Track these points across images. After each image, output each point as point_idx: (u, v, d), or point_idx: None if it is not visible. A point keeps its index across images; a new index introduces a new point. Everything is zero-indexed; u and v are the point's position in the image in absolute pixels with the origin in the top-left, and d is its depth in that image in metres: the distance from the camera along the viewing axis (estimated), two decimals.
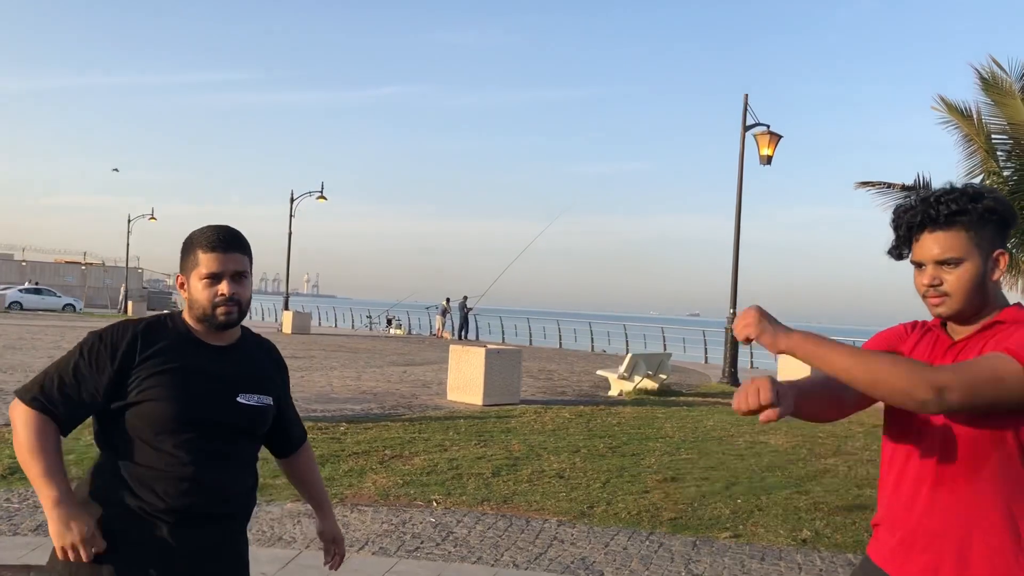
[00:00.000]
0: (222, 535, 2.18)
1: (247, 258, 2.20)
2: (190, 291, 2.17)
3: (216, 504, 2.14)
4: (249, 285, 2.20)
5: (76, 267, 68.02)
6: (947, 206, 1.82)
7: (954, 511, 1.77)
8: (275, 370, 2.39)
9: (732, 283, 18.74)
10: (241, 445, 2.23)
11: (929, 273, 1.86)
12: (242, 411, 2.19)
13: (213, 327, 2.16)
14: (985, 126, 14.63)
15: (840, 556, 5.51)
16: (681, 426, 11.15)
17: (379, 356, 22.23)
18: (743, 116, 18.64)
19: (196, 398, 2.10)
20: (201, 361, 2.15)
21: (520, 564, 5.06)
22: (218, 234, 2.15)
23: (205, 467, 2.10)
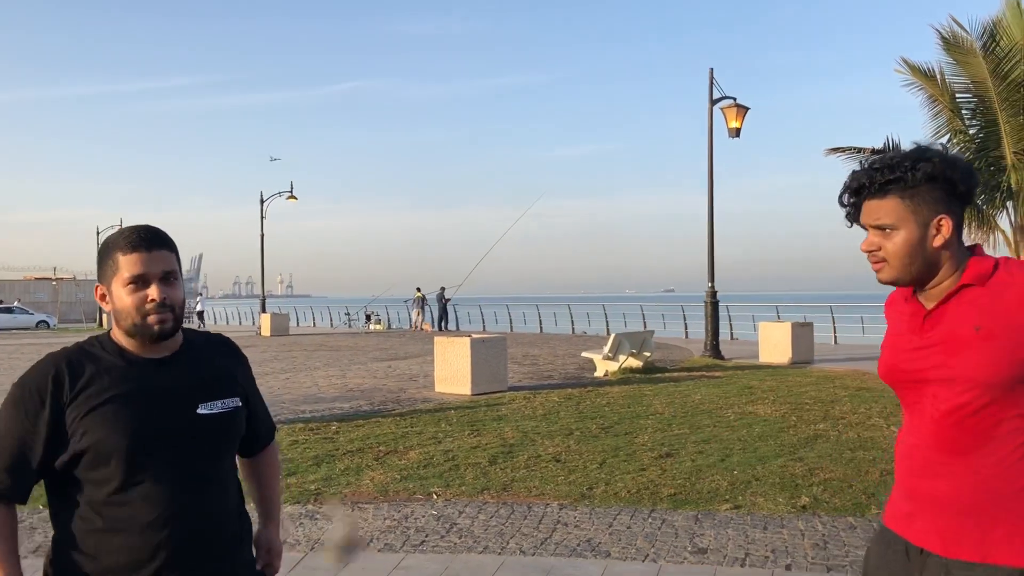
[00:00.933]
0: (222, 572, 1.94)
1: (174, 256, 1.94)
2: (113, 301, 1.89)
3: (197, 538, 1.87)
4: (180, 287, 1.93)
5: (47, 283, 67.15)
6: (881, 173, 1.82)
7: (973, 477, 1.79)
8: (235, 366, 2.10)
9: (709, 257, 18.83)
10: (217, 462, 1.96)
11: (868, 239, 1.87)
12: (207, 423, 1.92)
13: (148, 338, 1.88)
14: (949, 86, 14.77)
15: (841, 520, 5.58)
16: (670, 402, 11.22)
17: (362, 353, 22.16)
18: (709, 90, 18.70)
19: (145, 422, 1.84)
20: (143, 379, 1.89)
21: (527, 550, 5.08)
22: (138, 233, 1.89)
23: (174, 498, 1.84)
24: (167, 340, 1.93)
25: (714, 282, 18.79)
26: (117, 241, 1.90)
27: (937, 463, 1.82)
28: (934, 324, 1.85)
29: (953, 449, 1.80)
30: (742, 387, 12.74)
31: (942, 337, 1.82)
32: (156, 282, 1.87)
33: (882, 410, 10.08)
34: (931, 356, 1.83)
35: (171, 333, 1.90)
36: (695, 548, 5.06)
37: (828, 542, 5.12)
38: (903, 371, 1.90)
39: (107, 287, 1.92)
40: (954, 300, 1.83)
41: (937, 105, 14.91)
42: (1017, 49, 13.43)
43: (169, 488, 1.84)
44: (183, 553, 1.84)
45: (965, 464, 1.79)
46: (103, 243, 1.94)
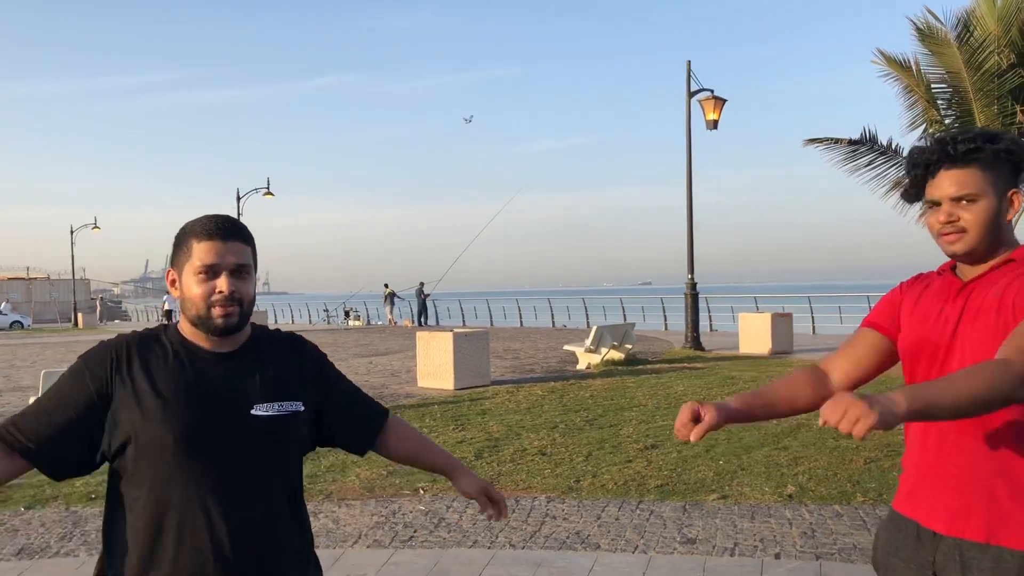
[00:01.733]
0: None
1: (250, 249, 1.87)
2: (182, 289, 1.83)
3: (244, 550, 1.79)
4: (253, 282, 1.87)
5: (21, 283, 66.36)
6: (964, 144, 1.84)
7: (978, 454, 1.79)
8: (305, 366, 2.00)
9: (688, 248, 18.89)
10: (270, 468, 1.86)
11: (945, 211, 1.87)
12: (260, 425, 1.83)
13: (211, 331, 1.82)
14: (924, 76, 14.87)
15: (827, 508, 5.61)
16: (653, 393, 11.25)
17: (342, 349, 22.06)
18: (687, 82, 18.74)
19: (198, 418, 1.77)
20: (201, 373, 1.82)
21: (516, 544, 5.08)
22: (216, 222, 1.83)
23: (223, 506, 1.77)
24: (231, 335, 1.86)
25: (694, 274, 18.86)
26: (194, 227, 1.84)
27: (951, 442, 1.83)
28: (967, 294, 1.87)
29: (967, 425, 1.80)
30: (724, 378, 12.80)
31: (970, 308, 1.85)
32: (227, 273, 1.81)
33: None
34: (960, 326, 1.85)
35: (236, 329, 1.84)
36: (684, 538, 5.07)
37: (816, 530, 5.15)
38: (932, 343, 1.90)
39: (178, 273, 1.86)
40: (991, 275, 1.86)
41: (913, 96, 15.01)
42: (991, 39, 13.55)
43: (213, 493, 1.77)
44: (226, 561, 1.77)
45: (978, 441, 1.79)
46: (181, 229, 1.88)
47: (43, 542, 5.35)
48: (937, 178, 1.88)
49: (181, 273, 1.85)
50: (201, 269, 1.80)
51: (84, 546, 5.25)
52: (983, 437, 1.79)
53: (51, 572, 4.78)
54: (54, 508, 6.12)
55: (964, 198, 1.85)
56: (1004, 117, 13.76)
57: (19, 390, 14.26)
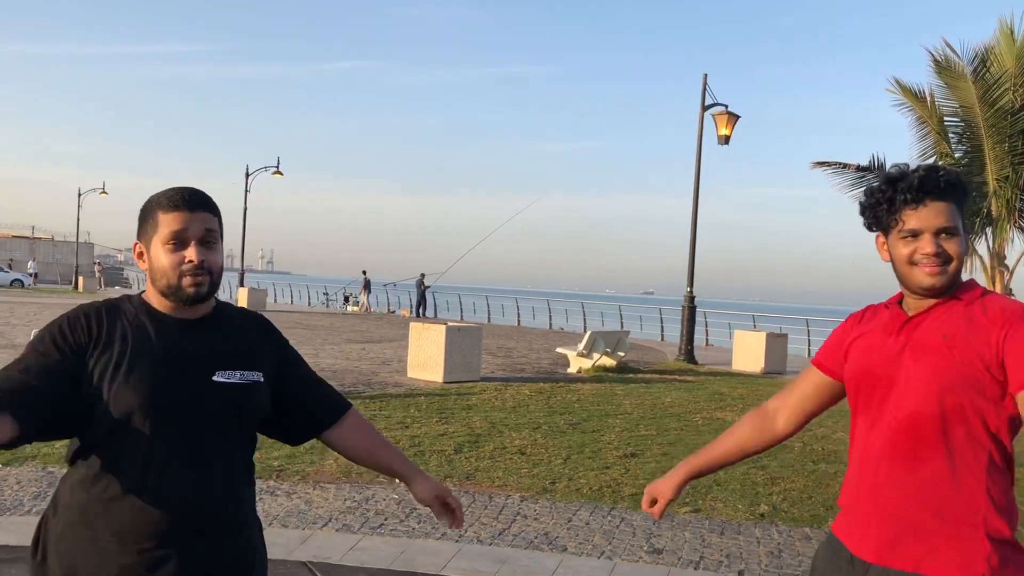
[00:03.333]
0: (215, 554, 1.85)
1: (217, 219, 1.89)
2: (150, 260, 1.85)
3: (200, 512, 1.82)
4: (220, 251, 1.89)
5: (24, 241, 66.47)
6: (946, 177, 1.85)
7: (911, 487, 1.81)
8: (266, 341, 2.04)
9: (689, 262, 18.89)
10: (228, 435, 1.89)
11: (931, 242, 1.85)
12: (222, 391, 1.85)
13: (181, 301, 1.84)
14: (938, 109, 14.88)
15: (797, 530, 5.63)
16: (640, 403, 11.26)
17: (337, 333, 22.09)
18: (702, 96, 18.74)
19: (160, 382, 1.79)
20: (165, 339, 1.84)
21: (484, 540, 5.10)
22: (182, 193, 1.85)
23: (181, 468, 1.80)
24: (201, 303, 1.88)
25: (693, 287, 18.87)
26: (159, 199, 1.85)
27: (885, 471, 1.85)
28: (912, 329, 1.89)
29: (904, 457, 1.82)
30: (712, 393, 12.81)
31: (914, 342, 1.86)
32: (195, 243, 1.82)
33: (848, 424, 10.15)
34: (902, 359, 1.87)
35: (205, 297, 1.86)
36: (651, 548, 5.09)
37: (783, 551, 5.17)
38: (875, 375, 1.92)
39: (145, 245, 1.87)
40: (936, 310, 1.88)
41: (925, 127, 15.02)
42: (1007, 76, 13.55)
43: (174, 458, 1.79)
44: (176, 526, 1.79)
45: (913, 474, 1.81)
46: (146, 201, 1.89)
47: (16, 499, 5.38)
48: (920, 208, 1.86)
49: (149, 245, 1.86)
50: (169, 239, 1.82)
51: None
52: (916, 470, 1.81)
53: (21, 530, 4.81)
54: (31, 467, 6.16)
55: (947, 231, 1.85)
56: (1014, 156, 13.77)
57: (11, 347, 14.31)
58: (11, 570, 4.25)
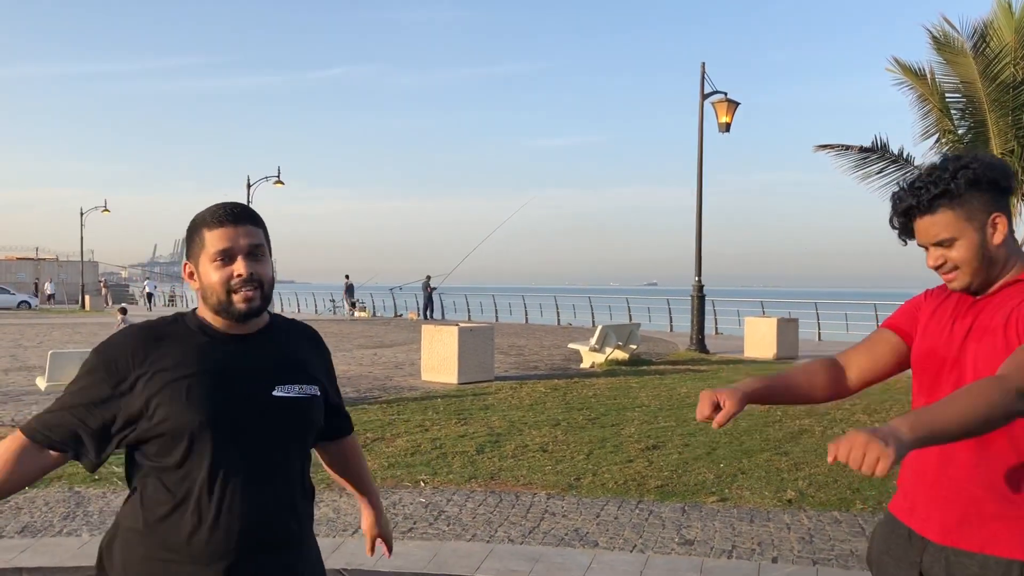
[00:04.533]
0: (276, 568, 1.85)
1: (262, 231, 1.88)
2: (200, 278, 1.84)
3: (265, 530, 1.82)
4: (269, 263, 1.87)
5: (29, 263, 66.60)
6: (927, 190, 1.86)
7: (981, 468, 1.81)
8: (319, 354, 2.05)
9: (696, 251, 18.88)
10: (289, 451, 1.89)
11: (933, 255, 1.91)
12: (282, 406, 1.85)
13: (233, 318, 1.82)
14: (939, 85, 14.82)
15: (826, 514, 5.62)
16: (656, 394, 11.26)
17: (347, 339, 22.12)
18: (701, 84, 18.72)
19: (220, 399, 1.78)
20: (222, 356, 1.83)
21: (515, 539, 5.10)
22: (225, 208, 1.84)
23: (245, 485, 1.79)
24: (254, 318, 1.87)
25: (701, 276, 18.86)
26: (204, 217, 1.85)
27: (948, 452, 1.85)
28: (977, 312, 1.89)
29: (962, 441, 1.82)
30: (727, 381, 12.80)
31: (979, 325, 1.87)
32: (243, 257, 1.81)
33: (867, 406, 10.16)
34: (967, 342, 1.87)
35: (258, 311, 1.85)
36: (682, 539, 5.09)
37: (814, 536, 5.16)
38: (939, 356, 1.92)
39: (194, 264, 1.86)
40: (1002, 293, 1.88)
41: (927, 104, 14.97)
42: (1007, 50, 13.50)
43: (236, 475, 1.79)
44: (241, 543, 1.78)
45: (976, 455, 1.81)
46: (191, 220, 1.89)
47: (46, 521, 5.40)
48: (916, 226, 1.91)
49: (197, 264, 1.86)
50: (216, 256, 1.81)
51: (87, 526, 5.30)
52: (977, 451, 1.81)
53: (54, 551, 4.83)
54: (57, 488, 6.17)
55: (943, 243, 1.88)
56: (1018, 129, 13.72)
57: (25, 369, 14.34)
58: None
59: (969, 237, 1.85)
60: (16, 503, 5.75)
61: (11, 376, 13.48)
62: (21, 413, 9.67)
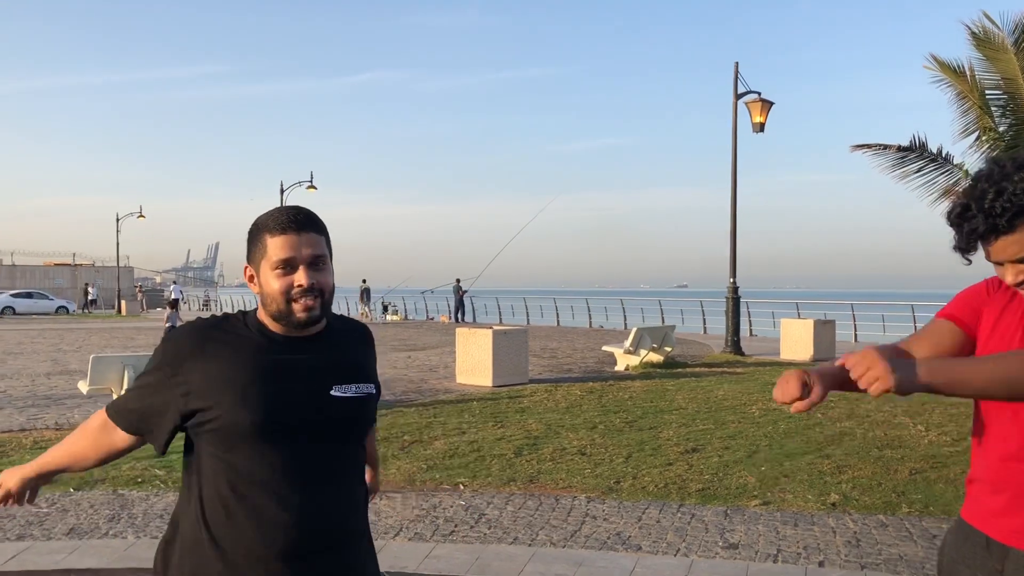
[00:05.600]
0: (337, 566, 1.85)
1: (324, 239, 1.86)
2: (261, 284, 1.83)
3: (323, 530, 1.82)
4: (331, 272, 1.86)
5: (66, 269, 67.63)
6: (1004, 210, 1.74)
7: None
8: (371, 352, 2.07)
9: (731, 252, 18.73)
10: (346, 450, 1.90)
11: (1012, 271, 1.81)
12: (340, 406, 1.85)
13: (293, 326, 1.83)
14: (979, 82, 14.58)
15: (871, 518, 5.54)
16: (693, 397, 11.18)
17: (381, 343, 22.18)
18: (734, 85, 18.58)
19: (279, 398, 1.78)
20: (280, 356, 1.83)
21: (557, 542, 5.08)
22: (289, 214, 1.82)
23: (303, 486, 1.79)
24: (313, 327, 1.87)
25: (735, 277, 18.70)
26: (267, 222, 1.83)
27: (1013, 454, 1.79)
28: None
29: None
30: (765, 383, 12.68)
31: None
32: (304, 266, 1.80)
33: (907, 409, 10.01)
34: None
35: (317, 320, 1.85)
36: (726, 543, 5.04)
37: (860, 540, 5.09)
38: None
39: (255, 269, 1.86)
40: None
41: (966, 102, 14.73)
42: None
43: (296, 475, 1.79)
44: (303, 543, 1.78)
45: None
46: (253, 223, 1.87)
47: (92, 523, 5.46)
48: (993, 246, 1.80)
49: (258, 269, 1.85)
50: (278, 264, 1.80)
51: (132, 528, 5.35)
52: None
53: (101, 552, 4.88)
54: (102, 491, 6.24)
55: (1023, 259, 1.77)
56: None
57: (66, 374, 14.56)
58: None
59: None
60: (63, 505, 5.82)
61: (53, 380, 13.68)
62: (64, 417, 9.81)
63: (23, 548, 4.93)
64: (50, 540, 5.11)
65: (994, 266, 1.85)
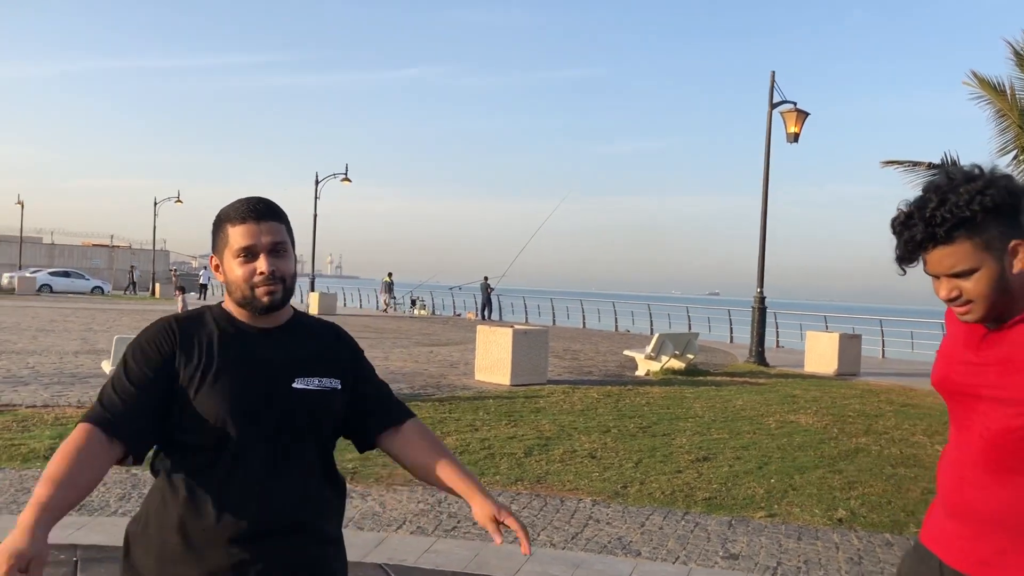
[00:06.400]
0: (295, 553, 1.87)
1: (284, 227, 1.92)
2: (225, 272, 1.90)
3: (279, 518, 1.85)
4: (291, 259, 1.92)
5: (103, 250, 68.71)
6: (944, 219, 1.72)
7: (1013, 501, 1.74)
8: (342, 349, 2.07)
9: (759, 262, 18.61)
10: (307, 442, 1.93)
11: (946, 286, 1.78)
12: (301, 398, 1.89)
13: (256, 311, 1.89)
14: (1019, 101, 14.39)
15: (877, 536, 5.49)
16: (711, 406, 11.13)
17: (405, 337, 22.32)
18: (770, 94, 18.44)
19: (244, 389, 1.84)
20: (246, 347, 1.90)
21: (557, 543, 5.09)
22: (248, 204, 1.89)
23: (261, 474, 1.84)
24: (276, 311, 1.93)
25: (763, 287, 18.58)
26: (228, 213, 1.91)
27: (979, 483, 1.79)
28: (993, 344, 1.79)
29: (997, 470, 1.75)
30: (785, 395, 12.59)
31: (999, 358, 1.77)
32: (265, 254, 1.87)
33: (927, 428, 9.89)
34: (986, 374, 1.79)
35: (279, 305, 1.91)
36: (727, 553, 5.02)
37: (863, 557, 5.05)
38: (955, 383, 1.86)
39: (220, 258, 1.93)
40: (1018, 328, 1.76)
41: (1005, 120, 14.54)
42: None
43: (256, 464, 1.84)
44: (261, 530, 1.82)
45: (1007, 487, 1.75)
46: (216, 215, 1.95)
47: (103, 501, 5.56)
48: (930, 254, 1.77)
49: (222, 258, 1.92)
50: (239, 252, 1.87)
51: None
52: (1013, 482, 1.74)
53: (109, 530, 4.97)
54: (114, 469, 6.35)
55: (961, 274, 1.75)
56: None
57: (94, 353, 14.81)
58: (100, 568, 4.40)
59: (988, 267, 1.72)
60: None
61: (80, 359, 13.92)
62: (87, 395, 9.99)
63: None
64: None
65: (931, 282, 1.84)
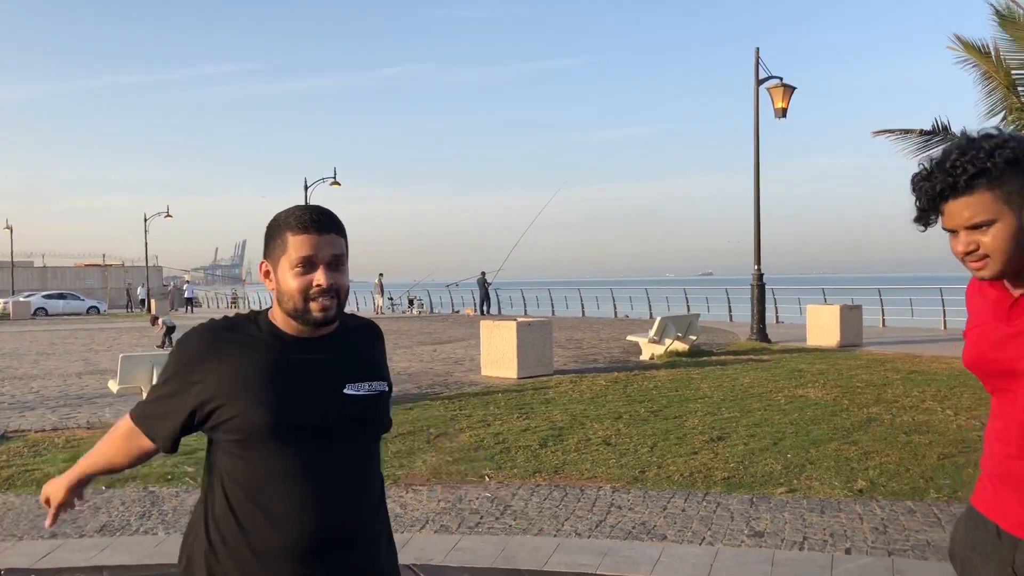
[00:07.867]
0: (352, 566, 1.85)
1: (344, 240, 1.86)
2: (278, 281, 1.83)
3: (338, 528, 1.82)
4: (347, 272, 1.86)
5: (96, 269, 68.50)
6: (964, 170, 1.71)
7: None
8: (382, 349, 2.08)
9: (755, 239, 18.61)
10: (360, 448, 1.90)
11: (963, 240, 1.76)
12: (353, 404, 1.86)
13: (308, 324, 1.83)
14: (1004, 62, 14.37)
15: (899, 504, 5.50)
16: (718, 385, 11.14)
17: (406, 336, 22.31)
18: (755, 70, 18.43)
19: (293, 398, 1.79)
20: (294, 355, 1.84)
21: (582, 532, 5.09)
22: (310, 213, 1.81)
23: (318, 484, 1.80)
24: (328, 326, 1.88)
25: (760, 264, 18.59)
26: (288, 220, 1.83)
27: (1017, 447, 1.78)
28: (1020, 313, 1.77)
29: None
30: (791, 370, 12.61)
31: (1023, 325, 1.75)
32: (324, 266, 1.80)
33: (935, 393, 9.92)
34: (1021, 345, 1.76)
35: (332, 320, 1.85)
36: (752, 531, 5.03)
37: (888, 526, 5.06)
38: (990, 360, 1.83)
39: (272, 265, 1.86)
40: None
41: (991, 82, 14.53)
42: None
43: (309, 474, 1.80)
44: (318, 540, 1.79)
45: None
46: (272, 219, 1.87)
47: (123, 520, 5.54)
48: (947, 207, 1.76)
49: (276, 266, 1.85)
50: (298, 262, 1.80)
51: (162, 524, 5.43)
52: None
53: (132, 549, 4.96)
54: (133, 488, 6.33)
55: (979, 225, 1.73)
56: None
57: (97, 373, 14.76)
58: None
59: (1007, 220, 1.71)
60: (94, 503, 5.91)
61: (84, 380, 13.88)
62: (95, 416, 9.95)
63: (56, 546, 5.02)
64: (82, 538, 5.19)
65: (948, 239, 1.81)
